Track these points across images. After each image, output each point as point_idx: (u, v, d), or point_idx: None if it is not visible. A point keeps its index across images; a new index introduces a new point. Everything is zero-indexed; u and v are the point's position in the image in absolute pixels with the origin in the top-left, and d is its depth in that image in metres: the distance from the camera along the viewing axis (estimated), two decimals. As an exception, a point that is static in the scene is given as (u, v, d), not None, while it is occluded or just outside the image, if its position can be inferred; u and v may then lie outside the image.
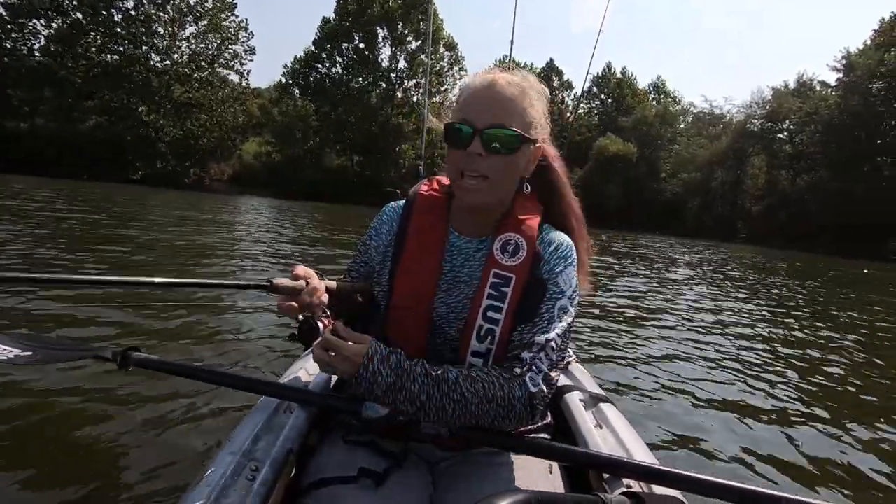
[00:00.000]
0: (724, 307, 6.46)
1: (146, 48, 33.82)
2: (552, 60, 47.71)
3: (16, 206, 9.68)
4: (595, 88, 47.38)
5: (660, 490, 0.83)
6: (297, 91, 40.12)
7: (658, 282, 8.51)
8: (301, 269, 0.99)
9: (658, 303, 6.24)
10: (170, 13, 34.48)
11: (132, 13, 33.13)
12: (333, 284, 1.04)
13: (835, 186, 31.15)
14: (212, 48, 36.24)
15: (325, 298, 1.00)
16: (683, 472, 0.80)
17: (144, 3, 33.40)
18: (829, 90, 36.76)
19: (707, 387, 3.18)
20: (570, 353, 1.54)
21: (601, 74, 46.82)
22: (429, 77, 4.36)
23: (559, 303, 0.93)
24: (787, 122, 37.80)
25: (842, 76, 34.87)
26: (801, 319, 6.15)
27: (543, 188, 1.08)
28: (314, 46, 39.75)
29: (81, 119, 31.33)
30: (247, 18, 37.51)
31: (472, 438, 0.91)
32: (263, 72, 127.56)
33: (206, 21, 35.71)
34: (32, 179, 20.47)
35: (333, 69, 40.14)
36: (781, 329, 5.39)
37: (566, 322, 0.93)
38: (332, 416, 1.05)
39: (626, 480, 0.86)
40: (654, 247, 18.96)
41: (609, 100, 47.43)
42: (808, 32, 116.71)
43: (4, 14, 30.14)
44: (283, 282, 0.96)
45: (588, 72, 3.88)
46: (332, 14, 39.49)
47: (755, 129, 38.80)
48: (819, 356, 4.32)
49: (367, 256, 1.10)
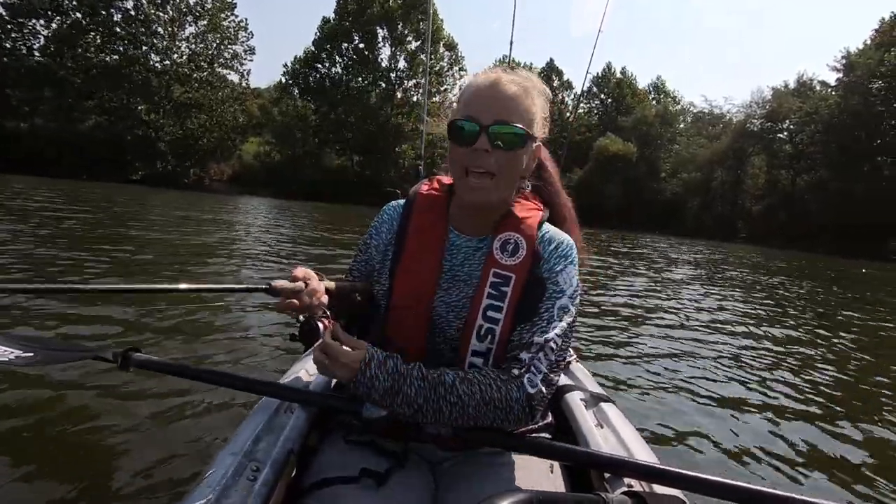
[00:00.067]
0: (725, 306, 6.46)
1: (146, 48, 33.84)
2: (552, 60, 47.74)
3: (16, 207, 9.68)
4: (595, 88, 47.33)
5: (661, 489, 0.83)
6: (297, 91, 40.13)
7: (658, 281, 8.50)
8: (300, 271, 0.99)
9: (658, 302, 6.24)
10: (169, 13, 34.50)
11: (132, 13, 33.17)
12: (333, 285, 1.04)
13: (835, 186, 31.17)
14: (211, 48, 36.27)
15: (325, 299, 1.01)
16: (685, 472, 0.80)
17: (144, 3, 33.42)
18: (829, 90, 36.77)
19: (708, 386, 3.18)
20: (571, 353, 1.54)
21: (601, 74, 46.77)
22: (428, 77, 4.36)
23: (559, 302, 0.93)
24: (787, 122, 37.79)
25: (842, 76, 34.88)
26: (802, 319, 6.15)
27: (537, 187, 1.09)
28: (314, 46, 39.75)
29: (81, 119, 31.37)
30: (246, 18, 37.66)
31: (474, 438, 0.91)
32: (263, 72, 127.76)
33: (206, 21, 35.74)
34: (32, 179, 20.47)
35: (333, 69, 40.16)
36: (782, 328, 5.39)
37: (566, 322, 0.93)
38: (333, 417, 1.04)
39: (628, 480, 0.86)
40: (654, 247, 18.96)
41: (609, 100, 47.38)
42: (808, 32, 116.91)
43: (4, 14, 30.20)
44: (283, 284, 0.96)
45: (588, 71, 3.86)
46: (332, 14, 39.57)
47: (755, 129, 38.80)
48: (819, 355, 4.32)
49: (368, 255, 1.10)
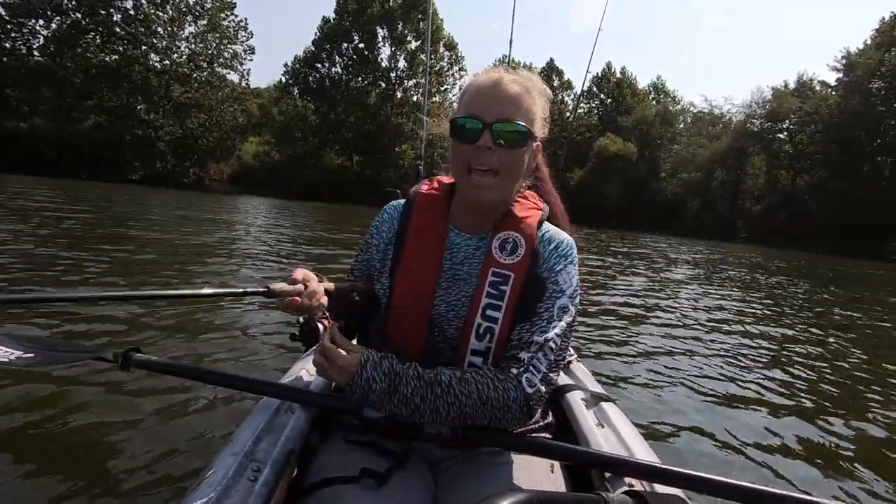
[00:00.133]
0: (724, 306, 6.46)
1: (145, 48, 33.82)
2: (552, 60, 47.67)
3: (16, 207, 9.68)
4: (595, 88, 47.31)
5: (662, 489, 0.83)
6: (297, 91, 40.14)
7: (658, 281, 8.50)
8: (300, 273, 0.99)
9: (658, 302, 6.24)
10: (169, 13, 34.49)
11: (131, 13, 33.16)
12: (332, 286, 1.04)
13: (835, 186, 31.20)
14: (211, 48, 36.27)
15: (325, 300, 1.01)
16: (686, 471, 0.80)
17: (143, 3, 33.42)
18: (829, 90, 36.80)
19: (709, 385, 3.18)
20: (572, 353, 1.54)
21: (601, 74, 46.75)
22: (428, 77, 4.36)
23: (559, 302, 0.93)
24: (787, 122, 37.83)
25: (842, 76, 34.92)
26: (801, 318, 6.15)
27: (532, 186, 1.10)
28: (314, 46, 39.77)
29: (81, 119, 31.37)
30: (246, 18, 37.62)
31: (474, 438, 0.91)
32: (263, 72, 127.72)
33: (206, 21, 35.74)
34: (32, 179, 20.48)
35: (333, 69, 40.17)
36: (782, 328, 5.39)
37: (566, 321, 0.93)
38: (334, 417, 1.04)
39: (629, 479, 0.86)
40: (654, 247, 18.96)
41: (609, 100, 47.36)
42: (808, 32, 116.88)
43: (4, 14, 30.18)
44: (281, 286, 0.97)
45: (588, 70, 3.88)
46: (332, 14, 39.59)
47: (755, 129, 38.82)
48: (820, 354, 4.32)
49: (369, 255, 1.10)
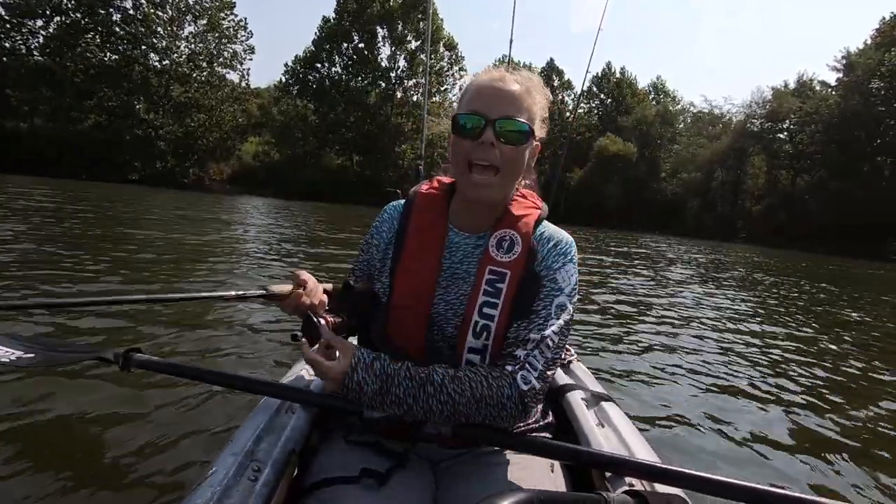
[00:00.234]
0: (725, 306, 6.46)
1: (145, 48, 33.82)
2: (552, 60, 47.71)
3: (17, 207, 9.68)
4: (595, 88, 47.34)
5: (662, 488, 0.83)
6: (297, 91, 40.14)
7: (658, 281, 8.51)
8: (299, 274, 1.04)
9: (659, 302, 6.24)
10: (168, 12, 34.50)
11: (131, 13, 33.17)
12: (331, 286, 1.06)
13: (835, 186, 31.22)
14: (211, 47, 36.26)
15: (325, 299, 1.04)
16: (686, 471, 0.80)
17: (143, 3, 33.43)
18: (829, 90, 36.82)
19: (709, 385, 3.18)
20: (572, 352, 1.54)
21: (601, 74, 46.81)
22: (428, 77, 4.35)
23: (557, 300, 0.93)
24: (787, 122, 37.86)
25: (842, 76, 34.95)
26: (802, 318, 6.15)
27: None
28: (314, 46, 39.78)
29: (80, 119, 31.38)
30: (245, 17, 37.54)
31: (474, 437, 0.91)
32: (263, 72, 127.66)
33: (205, 20, 35.73)
34: (32, 179, 20.47)
35: (333, 69, 40.19)
36: (782, 327, 5.39)
37: (564, 319, 0.93)
38: (334, 417, 1.05)
39: (629, 479, 0.86)
40: (654, 247, 18.96)
41: (609, 100, 47.39)
42: (808, 32, 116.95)
43: (4, 14, 30.18)
44: (280, 288, 1.02)
45: (588, 70, 3.89)
46: (332, 14, 39.60)
47: (755, 129, 38.85)
48: (820, 354, 4.32)
49: (369, 255, 1.10)
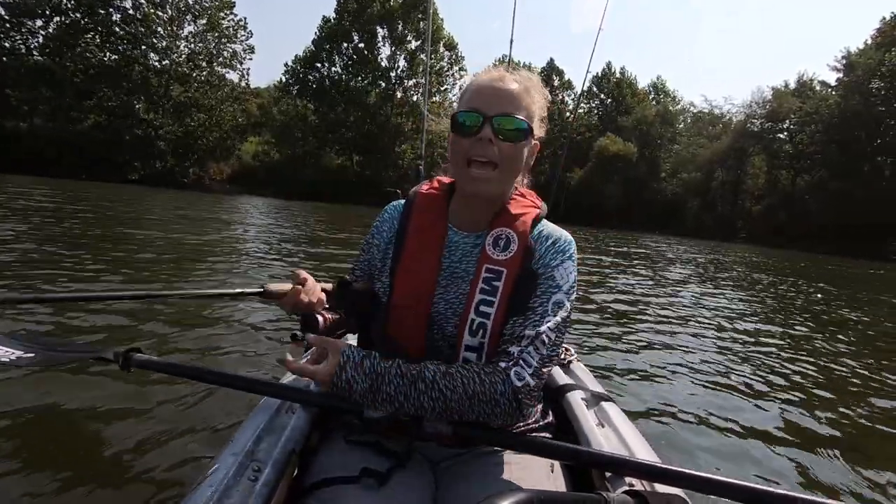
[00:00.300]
0: (725, 306, 6.46)
1: (144, 47, 33.81)
2: (552, 60, 47.67)
3: (17, 206, 9.68)
4: (595, 88, 47.32)
5: (662, 488, 0.83)
6: (297, 91, 40.14)
7: (658, 281, 8.51)
8: (298, 273, 1.05)
9: (659, 301, 6.24)
10: (168, 12, 34.50)
11: (130, 12, 33.17)
12: (330, 286, 1.06)
13: (835, 186, 31.23)
14: (210, 47, 36.25)
15: (323, 297, 1.06)
16: (686, 470, 0.80)
17: (143, 3, 33.43)
18: (830, 90, 36.82)
19: (709, 385, 3.18)
20: (572, 352, 1.53)
21: (601, 74, 46.78)
22: (429, 77, 4.34)
23: (554, 297, 0.93)
24: (787, 122, 37.87)
25: (842, 76, 34.95)
26: (802, 318, 6.15)
27: None
28: (314, 46, 39.78)
29: (80, 119, 31.38)
30: (245, 17, 37.60)
31: (474, 437, 0.91)
32: (263, 71, 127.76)
33: (205, 20, 35.74)
34: (32, 179, 20.47)
35: (333, 69, 40.19)
36: (782, 327, 5.39)
37: (560, 316, 0.93)
38: (334, 417, 1.05)
39: (629, 479, 0.85)
40: (654, 246, 18.96)
41: (609, 100, 47.38)
42: (809, 32, 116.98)
43: (4, 14, 30.17)
44: (278, 286, 1.03)
45: (588, 70, 3.87)
46: (332, 14, 39.60)
47: (755, 129, 38.85)
48: (821, 353, 4.32)
49: (370, 255, 1.11)
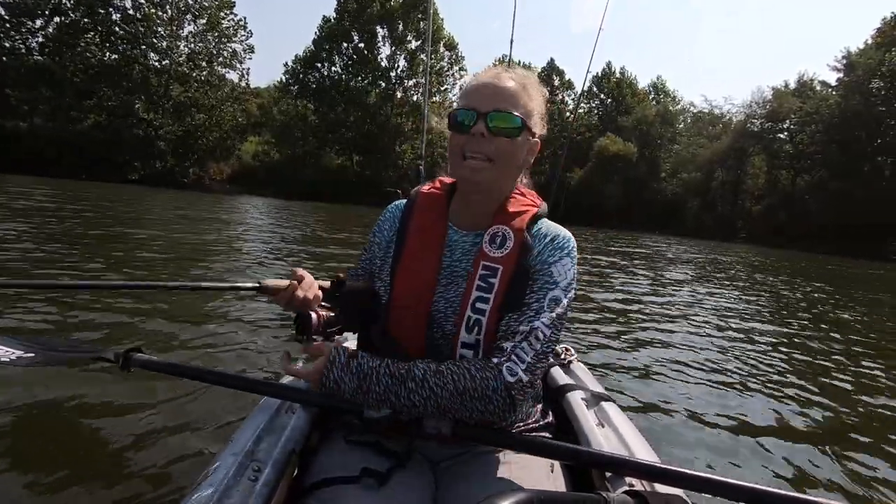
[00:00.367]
0: (725, 306, 6.46)
1: (144, 47, 33.76)
2: (552, 60, 47.62)
3: (17, 206, 9.68)
4: (595, 88, 47.30)
5: (662, 489, 0.83)
6: (297, 90, 40.10)
7: (658, 281, 8.51)
8: (296, 271, 1.05)
9: (659, 302, 6.24)
10: (168, 12, 34.46)
11: (130, 12, 33.14)
12: (328, 284, 1.07)
13: (835, 186, 31.21)
14: (210, 46, 36.23)
15: (320, 294, 1.06)
16: (686, 471, 0.80)
17: (143, 2, 33.39)
18: (830, 90, 36.79)
19: (709, 384, 3.18)
20: (572, 352, 1.54)
21: (601, 74, 46.73)
22: (429, 77, 4.35)
23: (551, 293, 0.93)
24: (788, 122, 37.84)
25: (842, 76, 34.92)
26: (802, 317, 6.15)
27: None
28: (314, 46, 39.74)
29: (80, 119, 31.32)
30: (245, 17, 37.58)
31: (474, 437, 0.91)
32: (263, 71, 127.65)
33: (205, 20, 35.70)
34: (32, 179, 20.47)
35: (333, 69, 40.15)
36: (782, 327, 5.39)
37: (556, 313, 0.92)
38: (334, 417, 1.05)
39: (629, 479, 0.86)
40: (654, 246, 18.96)
41: (609, 100, 47.35)
42: (809, 32, 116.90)
43: (4, 14, 30.14)
44: (274, 282, 1.04)
45: (588, 70, 3.88)
46: (332, 13, 39.57)
47: (755, 129, 38.83)
48: (820, 352, 4.32)
49: (372, 254, 1.11)
